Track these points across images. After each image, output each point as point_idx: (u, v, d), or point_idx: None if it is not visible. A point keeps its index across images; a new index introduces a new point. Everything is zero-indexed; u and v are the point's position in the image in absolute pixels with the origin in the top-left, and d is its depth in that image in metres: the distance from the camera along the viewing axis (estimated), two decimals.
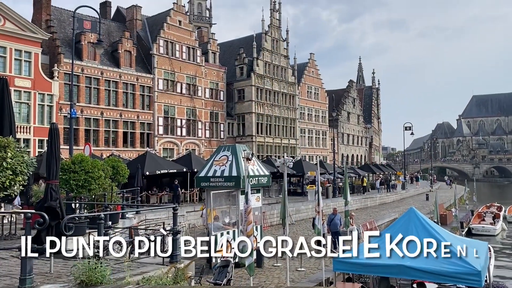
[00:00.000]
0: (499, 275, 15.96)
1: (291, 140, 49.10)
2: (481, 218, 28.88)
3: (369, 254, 8.13)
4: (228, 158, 13.84)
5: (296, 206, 26.19)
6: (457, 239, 8.82)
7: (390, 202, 38.71)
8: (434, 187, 53.30)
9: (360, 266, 8.03)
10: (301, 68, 53.44)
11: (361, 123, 71.44)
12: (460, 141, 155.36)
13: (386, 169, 57.80)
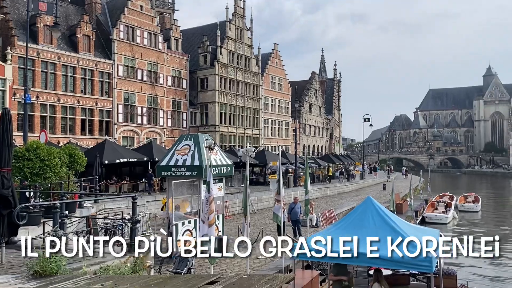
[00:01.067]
0: (449, 261, 16.76)
1: (254, 130, 49.25)
2: (434, 207, 30.15)
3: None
4: (190, 147, 13.73)
5: (258, 195, 26.40)
6: (410, 227, 9.17)
7: (349, 191, 39.70)
8: (391, 177, 55.09)
9: (318, 253, 8.19)
10: (265, 58, 53.51)
11: (322, 114, 72.58)
12: (417, 133, 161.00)
13: (346, 159, 59.19)
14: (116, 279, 5.04)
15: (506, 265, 17.06)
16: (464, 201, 35.18)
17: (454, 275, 11.73)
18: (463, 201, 35.36)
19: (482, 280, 14.65)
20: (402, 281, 11.75)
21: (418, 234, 8.63)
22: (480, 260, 17.82)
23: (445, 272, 11.55)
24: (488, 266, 16.75)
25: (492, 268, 16.61)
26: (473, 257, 9.00)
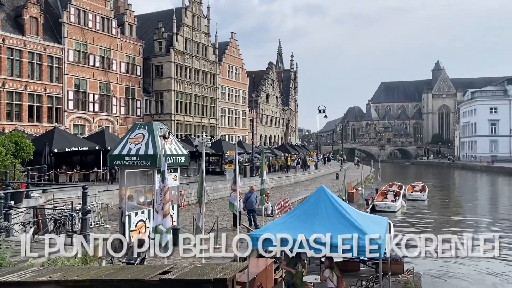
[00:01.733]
0: (398, 248, 17.53)
1: (211, 119, 48.94)
2: (384, 196, 31.30)
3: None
4: (144, 136, 13.46)
5: (215, 185, 26.35)
6: (361, 215, 9.48)
7: (303, 180, 40.43)
8: (344, 167, 56.61)
9: (272, 241, 8.32)
10: (222, 47, 53.11)
11: (279, 104, 73.22)
12: (369, 125, 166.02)
13: (301, 149, 60.20)
14: (65, 271, 4.88)
15: (448, 246, 18.04)
16: (412, 190, 36.73)
17: (401, 261, 12.28)
18: (411, 190, 36.90)
19: (428, 264, 15.43)
20: (353, 267, 12.20)
21: (368, 222, 8.97)
22: (427, 247, 18.79)
23: (393, 258, 12.06)
24: (435, 254, 17.64)
25: (437, 253, 17.51)
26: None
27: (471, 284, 13.41)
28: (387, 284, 10.18)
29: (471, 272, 14.55)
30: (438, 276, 14.17)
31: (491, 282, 13.59)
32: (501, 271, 14.77)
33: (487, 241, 19.97)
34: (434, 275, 14.25)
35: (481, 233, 21.80)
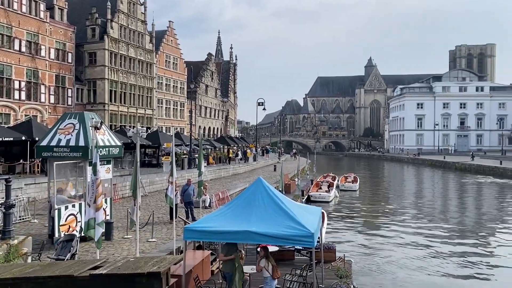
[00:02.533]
0: (330, 236, 18.23)
1: (147, 110, 47.68)
2: (318, 187, 32.35)
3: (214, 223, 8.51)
4: (75, 126, 12.83)
5: (151, 177, 25.78)
6: (296, 206, 9.73)
7: (242, 172, 40.73)
8: (282, 159, 57.73)
9: (209, 233, 8.31)
10: (159, 35, 51.77)
11: (218, 96, 72.91)
12: (306, 118, 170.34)
13: (240, 141, 60.50)
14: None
15: (380, 235, 19.10)
16: (345, 181, 38.32)
17: (333, 249, 12.79)
18: (343, 181, 38.48)
19: (359, 252, 16.21)
20: (288, 256, 12.51)
21: (303, 212, 9.23)
22: (358, 235, 19.72)
23: (326, 246, 12.54)
24: (365, 242, 18.55)
25: (367, 241, 18.45)
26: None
27: (399, 269, 14.26)
28: (321, 272, 10.57)
29: (399, 258, 15.48)
30: (367, 262, 14.93)
31: (417, 266, 14.53)
32: (425, 255, 15.86)
33: (414, 228, 21.38)
34: (363, 261, 15.00)
35: (408, 221, 23.27)
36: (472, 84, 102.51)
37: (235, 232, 8.08)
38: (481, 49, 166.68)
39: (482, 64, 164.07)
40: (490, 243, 18.29)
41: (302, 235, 7.90)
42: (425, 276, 13.64)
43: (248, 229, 7.96)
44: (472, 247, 17.42)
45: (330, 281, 10.42)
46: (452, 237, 19.19)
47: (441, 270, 14.28)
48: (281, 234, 7.92)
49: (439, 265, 14.80)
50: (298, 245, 10.14)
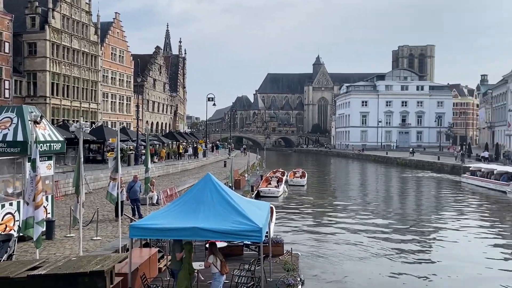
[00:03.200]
0: (279, 230, 18.51)
1: (92, 104, 45.97)
2: (268, 182, 32.70)
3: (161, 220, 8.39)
4: (13, 120, 12.16)
5: (95, 174, 24.92)
6: (245, 201, 9.78)
7: (191, 168, 40.34)
8: (232, 155, 57.77)
9: (155, 231, 8.18)
10: (105, 27, 50.01)
11: (167, 91, 71.64)
12: (256, 114, 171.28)
13: (190, 137, 59.83)
14: None
15: (326, 229, 19.65)
16: (293, 176, 39.00)
17: (281, 243, 13.00)
18: (292, 176, 39.15)
19: (306, 245, 16.58)
20: (237, 251, 12.58)
21: (251, 207, 9.30)
22: (305, 228, 20.15)
23: (274, 240, 12.73)
24: (312, 235, 19.00)
25: (315, 234, 18.91)
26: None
27: (345, 260, 14.73)
28: (269, 266, 10.72)
29: (344, 250, 15.99)
30: (314, 255, 15.31)
31: (362, 258, 15.07)
32: (370, 247, 16.49)
33: (359, 221, 22.08)
34: (311, 254, 15.36)
35: (353, 214, 24.09)
36: (413, 83, 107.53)
37: (183, 229, 8.01)
38: (421, 49, 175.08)
39: (423, 64, 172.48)
40: (429, 235, 19.34)
41: (251, 230, 7.97)
42: (370, 267, 14.20)
43: (196, 226, 7.91)
44: (412, 238, 18.33)
45: (278, 274, 10.59)
46: (394, 229, 20.10)
47: (385, 261, 14.91)
48: (230, 230, 7.95)
49: (383, 256, 15.45)
50: (246, 240, 10.22)
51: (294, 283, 9.84)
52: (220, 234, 8.09)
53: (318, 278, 12.86)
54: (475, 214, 24.75)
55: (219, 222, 8.07)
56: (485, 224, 21.70)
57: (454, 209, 26.48)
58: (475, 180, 38.06)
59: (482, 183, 36.45)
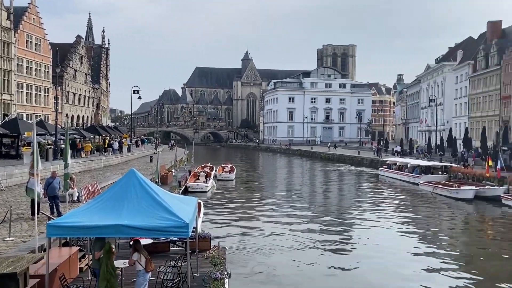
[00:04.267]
0: (207, 225, 18.49)
1: (4, 95, 42.49)
2: (196, 177, 32.46)
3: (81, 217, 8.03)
4: None
5: (8, 170, 23.10)
6: (172, 197, 9.63)
7: (115, 164, 38.82)
8: (159, 150, 56.48)
9: (75, 229, 7.79)
10: (19, 12, 46.36)
11: (88, 82, 68.21)
12: (184, 108, 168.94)
13: (114, 131, 57.51)
14: None
15: (254, 222, 19.95)
16: (222, 171, 39.08)
17: (209, 238, 13.00)
18: (221, 171, 39.22)
19: (234, 239, 16.73)
20: (163, 248, 12.37)
21: (178, 203, 9.18)
22: (234, 223, 20.30)
23: (201, 236, 12.69)
24: (240, 229, 19.19)
25: (243, 228, 19.13)
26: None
27: (272, 253, 15.06)
28: (196, 261, 10.68)
29: (272, 243, 16.34)
30: (242, 248, 15.50)
31: (289, 250, 15.51)
32: (296, 239, 17.03)
33: (285, 214, 22.65)
34: (239, 248, 15.54)
35: (280, 207, 24.70)
36: (336, 81, 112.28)
37: (106, 227, 7.72)
38: (344, 49, 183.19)
39: (345, 63, 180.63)
40: (351, 225, 20.40)
41: (177, 226, 7.88)
42: (296, 257, 14.66)
43: (120, 223, 7.66)
44: (334, 228, 19.23)
45: (205, 269, 10.58)
46: (318, 220, 20.94)
47: (310, 251, 15.50)
48: (155, 226, 7.79)
49: (308, 247, 16.04)
50: (173, 236, 10.08)
51: (221, 277, 9.89)
52: (145, 231, 7.91)
53: (246, 271, 13.05)
54: (391, 205, 26.52)
55: (143, 219, 7.88)
56: (399, 214, 23.35)
57: (373, 200, 28.16)
58: (391, 173, 40.75)
59: (397, 176, 39.13)
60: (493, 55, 53.12)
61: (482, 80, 55.85)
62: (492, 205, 25.71)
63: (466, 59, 61.54)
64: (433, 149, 52.98)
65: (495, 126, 51.51)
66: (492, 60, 53.46)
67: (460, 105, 62.62)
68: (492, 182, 29.15)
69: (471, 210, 24.87)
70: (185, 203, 9.64)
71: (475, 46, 61.92)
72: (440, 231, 19.59)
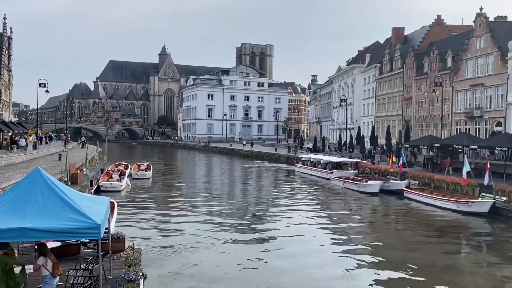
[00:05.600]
0: (121, 225, 17.82)
1: None
2: (109, 176, 31.13)
3: None
4: None
5: None
6: (82, 197, 9.14)
7: (19, 162, 35.82)
8: (68, 147, 53.20)
9: None
10: None
11: None
12: (96, 103, 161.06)
13: (17, 127, 53.02)
14: None
15: (172, 222, 19.62)
16: (138, 169, 37.88)
17: (123, 238, 12.55)
18: (136, 169, 37.99)
19: (150, 239, 16.32)
20: (73, 250, 11.74)
21: (88, 203, 8.74)
22: (150, 222, 19.78)
23: (115, 236, 12.22)
24: (157, 229, 18.76)
25: (160, 228, 18.71)
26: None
27: (188, 250, 14.93)
28: (108, 263, 10.26)
29: (189, 242, 16.16)
30: (158, 248, 15.17)
31: (206, 249, 15.46)
32: (214, 237, 17.03)
33: (204, 213, 22.54)
34: (155, 247, 15.19)
35: (198, 206, 24.55)
36: (254, 80, 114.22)
37: (7, 230, 7.12)
38: (262, 48, 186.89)
39: (263, 62, 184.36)
40: (268, 221, 20.90)
41: (87, 227, 7.51)
42: (213, 255, 14.69)
43: (23, 226, 7.11)
44: (252, 224, 19.58)
45: (119, 271, 10.22)
46: (237, 217, 21.17)
47: (228, 248, 15.61)
48: (64, 228, 7.35)
49: (226, 243, 16.15)
50: (83, 238, 9.59)
51: (136, 278, 9.61)
52: (52, 234, 7.43)
53: (162, 271, 12.80)
54: (305, 200, 27.65)
55: (50, 221, 7.39)
56: (313, 208, 24.42)
57: (288, 195, 29.14)
58: (306, 169, 42.49)
59: (311, 172, 40.90)
60: (397, 59, 57.59)
61: (387, 82, 60.30)
62: (395, 197, 27.91)
63: (373, 62, 66.05)
64: (344, 146, 56.20)
65: (398, 125, 55.95)
66: (396, 64, 57.95)
67: (368, 105, 67.06)
68: (395, 177, 31.63)
69: (377, 203, 26.77)
70: (97, 203, 9.22)
71: (382, 50, 66.70)
72: (349, 223, 20.85)
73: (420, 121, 50.77)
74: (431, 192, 25.95)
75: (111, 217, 12.18)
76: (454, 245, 17.61)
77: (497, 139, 29.32)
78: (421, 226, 20.31)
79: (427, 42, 54.86)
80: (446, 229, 19.80)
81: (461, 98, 43.52)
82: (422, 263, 14.14)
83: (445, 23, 57.78)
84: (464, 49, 42.71)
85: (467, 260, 15.65)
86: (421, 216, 22.62)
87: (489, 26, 39.82)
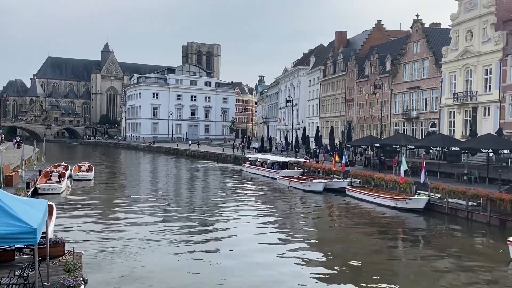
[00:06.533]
0: (60, 229, 17.04)
1: None
2: (48, 178, 29.69)
3: None
4: None
5: None
6: (16, 200, 8.66)
7: None
8: (2, 147, 50.03)
9: None
10: None
11: None
12: (34, 101, 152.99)
13: None
14: None
15: (115, 225, 19.01)
16: (78, 171, 36.38)
17: (62, 243, 12.00)
18: (77, 170, 36.47)
19: (92, 243, 15.73)
20: (7, 257, 11.10)
21: (24, 206, 8.31)
22: (92, 225, 19.05)
23: (53, 241, 11.67)
24: (99, 232, 18.11)
25: (102, 231, 18.08)
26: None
27: (132, 256, 14.47)
28: (46, 269, 9.78)
29: (132, 246, 15.72)
30: (100, 251, 14.66)
31: (151, 252, 15.13)
32: (159, 240, 16.71)
33: (148, 215, 22.08)
34: (97, 251, 14.65)
35: (143, 208, 23.98)
36: (201, 79, 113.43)
37: None
38: (209, 48, 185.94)
39: (210, 61, 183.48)
40: (215, 221, 20.81)
41: (22, 232, 7.12)
42: (158, 257, 14.41)
43: None
44: (199, 225, 19.42)
45: (57, 277, 9.76)
46: (183, 218, 20.90)
47: (174, 249, 15.39)
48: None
49: (171, 245, 15.91)
50: (18, 243, 9.07)
51: (76, 283, 9.23)
52: None
53: (105, 275, 12.39)
54: (252, 199, 27.85)
55: None
56: (260, 207, 24.66)
57: (236, 195, 29.23)
58: (253, 169, 42.80)
59: (258, 171, 41.26)
60: (339, 62, 59.47)
61: (330, 84, 62.13)
62: (338, 195, 28.82)
63: (318, 65, 67.81)
64: (290, 146, 57.20)
65: (341, 125, 57.82)
66: (339, 67, 59.85)
67: (313, 106, 68.75)
68: (338, 176, 32.65)
69: (321, 201, 27.52)
70: (33, 206, 8.77)
71: (326, 52, 68.61)
72: (295, 220, 21.27)
73: (361, 122, 52.78)
74: (371, 190, 27.05)
75: (49, 221, 11.63)
76: (393, 240, 18.51)
77: (432, 139, 31.07)
78: (362, 222, 21.13)
79: (368, 46, 57.17)
80: (385, 225, 20.74)
81: (399, 100, 45.77)
82: (363, 258, 14.72)
83: (384, 28, 60.46)
84: (402, 53, 44.97)
85: (405, 253, 16.50)
86: (362, 213, 23.54)
87: (424, 32, 42.21)
